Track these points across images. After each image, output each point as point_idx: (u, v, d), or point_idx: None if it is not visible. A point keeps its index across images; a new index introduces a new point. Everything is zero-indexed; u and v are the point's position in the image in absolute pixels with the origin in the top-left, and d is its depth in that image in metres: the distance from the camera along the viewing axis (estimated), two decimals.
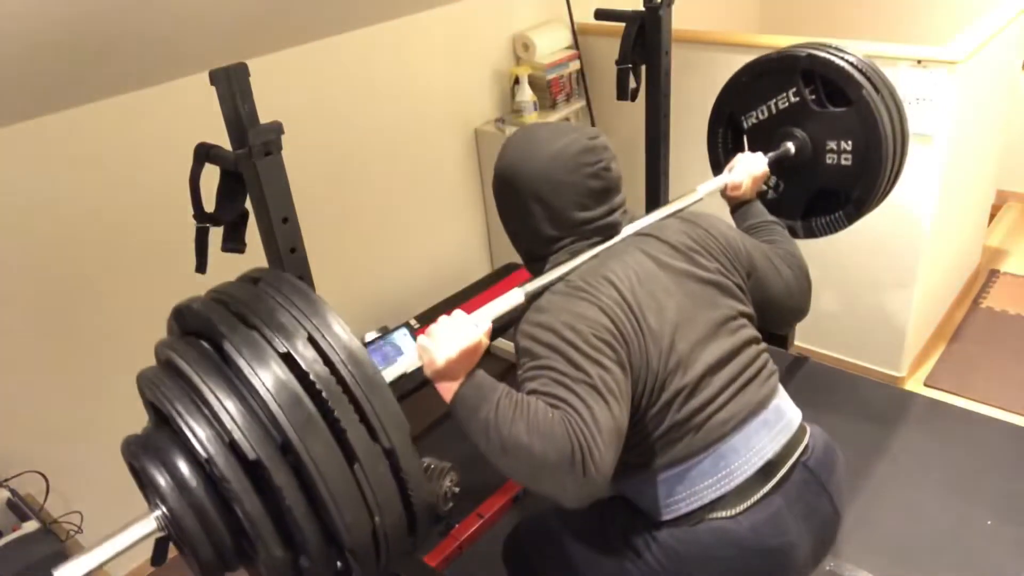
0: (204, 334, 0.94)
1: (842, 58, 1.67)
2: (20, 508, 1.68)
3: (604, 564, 1.32)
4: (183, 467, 0.88)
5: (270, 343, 0.89)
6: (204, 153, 1.30)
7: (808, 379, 2.70)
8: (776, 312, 1.42)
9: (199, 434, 0.86)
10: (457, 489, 2.30)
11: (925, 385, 2.65)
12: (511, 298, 1.20)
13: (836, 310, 2.70)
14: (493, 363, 2.97)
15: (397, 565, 1.01)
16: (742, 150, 1.84)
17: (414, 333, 2.24)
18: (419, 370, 1.11)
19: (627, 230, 1.31)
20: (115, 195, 1.94)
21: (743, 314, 1.31)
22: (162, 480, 0.89)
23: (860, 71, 1.66)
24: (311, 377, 0.88)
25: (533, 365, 1.12)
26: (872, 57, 1.74)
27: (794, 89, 1.74)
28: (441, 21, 2.57)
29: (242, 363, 0.87)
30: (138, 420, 1.01)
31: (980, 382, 2.62)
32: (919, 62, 2.18)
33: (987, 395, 2.55)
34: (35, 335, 1.88)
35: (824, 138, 1.73)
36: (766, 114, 1.82)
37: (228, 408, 0.86)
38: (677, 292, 1.24)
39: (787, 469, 1.25)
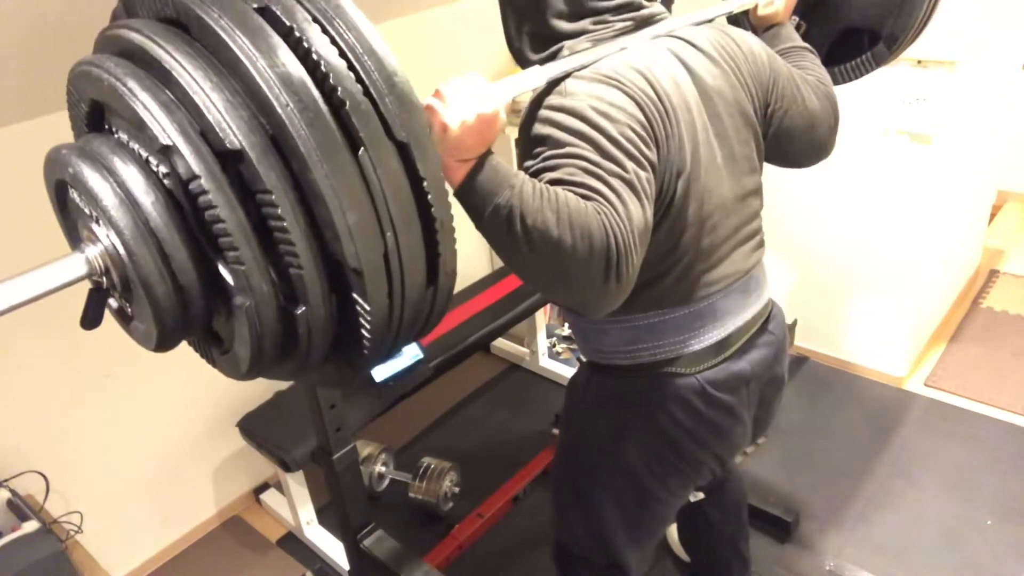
0: (161, 12, 0.70)
1: None
2: (20, 508, 1.68)
3: (588, 479, 1.32)
4: (134, 175, 0.64)
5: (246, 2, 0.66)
6: None
7: (808, 379, 2.70)
8: (797, 144, 1.29)
9: (159, 118, 0.62)
10: (457, 489, 2.30)
11: (925, 385, 2.65)
12: (531, 77, 1.01)
13: (836, 310, 2.70)
14: (492, 363, 2.97)
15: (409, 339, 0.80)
16: None
17: None
18: (418, 372, 1.06)
19: (655, 28, 1.13)
20: None
21: (757, 155, 1.22)
22: (106, 190, 0.64)
23: None
24: (296, 34, 0.65)
25: (556, 153, 0.96)
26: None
27: None
28: (441, 21, 2.57)
29: (212, 24, 0.64)
30: (139, 421, 1.01)
31: (980, 382, 2.62)
32: (919, 62, 2.18)
33: (987, 395, 2.55)
34: (35, 335, 1.88)
35: None
36: None
37: (200, 83, 0.63)
38: (705, 112, 1.11)
39: (752, 334, 1.26)
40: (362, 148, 0.66)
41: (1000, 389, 2.57)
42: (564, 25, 1.09)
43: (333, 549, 2.19)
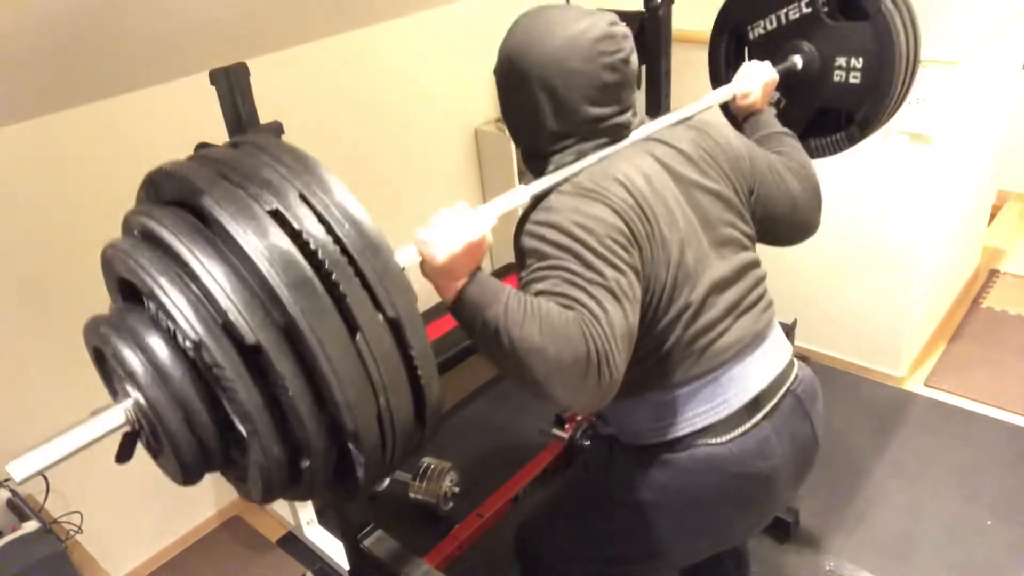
0: (183, 201, 0.80)
1: None
2: (20, 508, 1.68)
3: (596, 523, 1.32)
4: (164, 351, 0.76)
5: (256, 200, 0.76)
6: None
7: None
8: (782, 227, 1.36)
9: (187, 313, 0.73)
10: (457, 489, 2.30)
11: (925, 385, 2.65)
12: (516, 196, 1.10)
13: (836, 310, 2.70)
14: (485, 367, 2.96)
15: (401, 465, 0.91)
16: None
17: None
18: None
19: (635, 134, 1.22)
20: (116, 195, 1.94)
21: (745, 234, 1.27)
22: (138, 365, 0.75)
23: None
24: (304, 236, 0.76)
25: (542, 266, 1.05)
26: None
27: None
28: (441, 21, 2.57)
29: (229, 224, 0.74)
30: None
31: (980, 382, 2.62)
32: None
33: (987, 395, 2.55)
34: (35, 335, 1.88)
35: (834, 53, 1.64)
36: (774, 24, 1.72)
37: (222, 284, 0.73)
38: (686, 203, 1.18)
39: (778, 399, 1.25)
40: (359, 333, 0.77)
41: (1000, 389, 2.57)
42: (555, 137, 1.18)
43: (333, 549, 2.19)
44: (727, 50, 1.86)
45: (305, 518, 2.26)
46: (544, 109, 1.15)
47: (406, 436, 0.85)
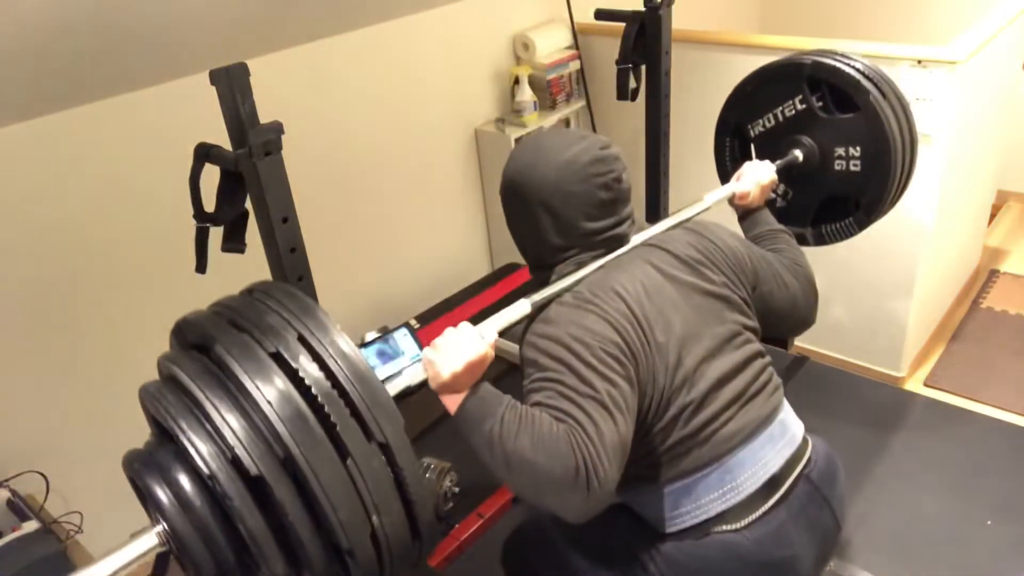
0: (201, 345, 0.94)
1: (848, 64, 1.67)
2: (20, 508, 1.68)
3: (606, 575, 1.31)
4: (186, 484, 0.87)
5: (260, 343, 0.89)
6: (204, 153, 1.30)
7: (808, 379, 2.70)
8: (781, 323, 1.42)
9: (201, 450, 0.85)
10: (457, 489, 2.30)
11: (925, 385, 2.65)
12: (518, 309, 1.18)
13: (836, 310, 2.70)
14: (492, 363, 2.96)
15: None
16: (749, 158, 1.83)
17: (414, 333, 2.24)
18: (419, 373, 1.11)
19: (633, 240, 1.29)
20: (115, 195, 1.94)
21: (748, 328, 1.31)
22: (165, 498, 0.88)
23: (866, 76, 1.65)
24: (300, 374, 0.87)
25: (539, 377, 1.11)
26: (872, 57, 1.74)
27: (800, 96, 1.74)
28: (441, 21, 2.57)
29: (236, 368, 0.87)
30: (138, 420, 1.01)
31: (980, 382, 2.62)
32: (919, 62, 2.18)
33: (987, 395, 2.55)
34: (35, 335, 1.88)
35: (832, 145, 1.73)
36: (772, 122, 1.82)
37: (230, 423, 0.85)
38: (684, 306, 1.23)
39: (791, 482, 1.26)
40: (349, 458, 0.87)
41: (1000, 389, 2.57)
42: (557, 249, 1.26)
43: None
44: (731, 148, 1.94)
45: None
46: (546, 226, 1.24)
47: (402, 549, 0.94)
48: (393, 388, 1.04)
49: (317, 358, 0.89)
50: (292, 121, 1.37)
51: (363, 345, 2.17)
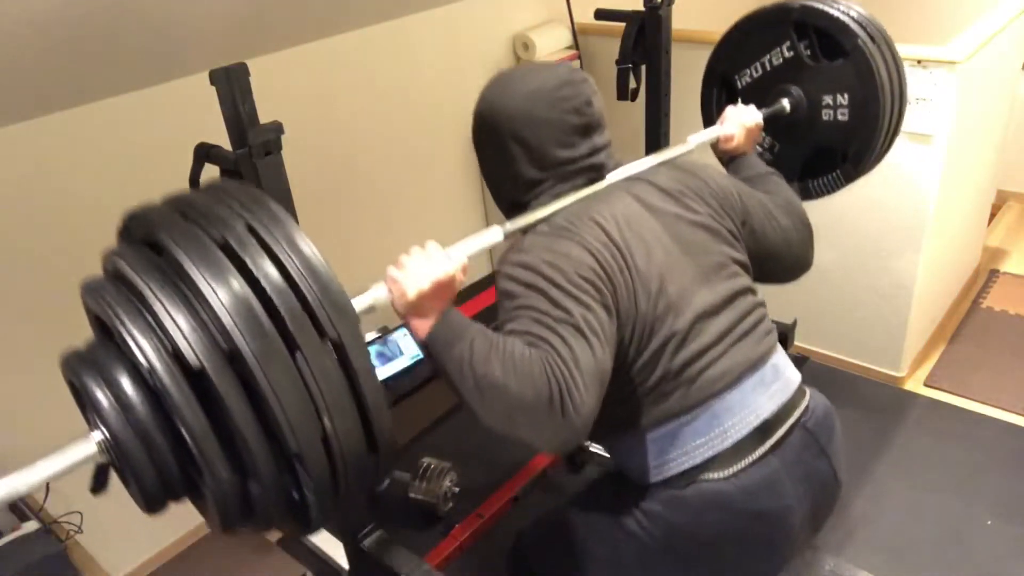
0: (147, 239, 0.87)
1: (836, 8, 1.62)
2: (20, 508, 1.69)
3: (599, 552, 1.28)
4: (126, 384, 0.81)
5: (207, 233, 0.83)
6: (204, 153, 1.30)
7: (808, 379, 2.68)
8: (776, 264, 1.36)
9: (140, 342, 0.79)
10: (457, 489, 2.30)
11: (925, 385, 2.65)
12: (489, 236, 1.14)
13: (836, 310, 2.70)
14: None
15: (360, 497, 0.92)
16: None
17: None
18: (418, 372, 1.09)
19: (614, 175, 1.25)
20: (115, 195, 1.94)
21: (736, 261, 1.26)
22: (103, 399, 0.81)
23: (855, 20, 1.61)
24: (248, 265, 0.81)
25: (512, 306, 1.07)
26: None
27: (788, 43, 1.68)
28: (441, 21, 2.57)
29: (180, 257, 0.80)
30: None
31: (980, 382, 2.62)
32: (919, 62, 2.18)
33: (987, 395, 2.55)
34: (35, 335, 1.88)
35: (820, 93, 1.68)
36: (760, 71, 1.77)
37: (172, 314, 0.79)
38: (665, 236, 1.19)
39: (785, 430, 1.20)
40: (298, 352, 0.80)
41: (1000, 389, 2.57)
42: (531, 184, 1.21)
43: (333, 549, 2.18)
44: (718, 99, 1.90)
45: None
46: (518, 159, 1.20)
47: (357, 460, 0.87)
48: (357, 305, 0.96)
49: (267, 249, 0.83)
50: (292, 121, 1.37)
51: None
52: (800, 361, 2.79)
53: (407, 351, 2.19)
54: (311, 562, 2.22)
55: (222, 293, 0.79)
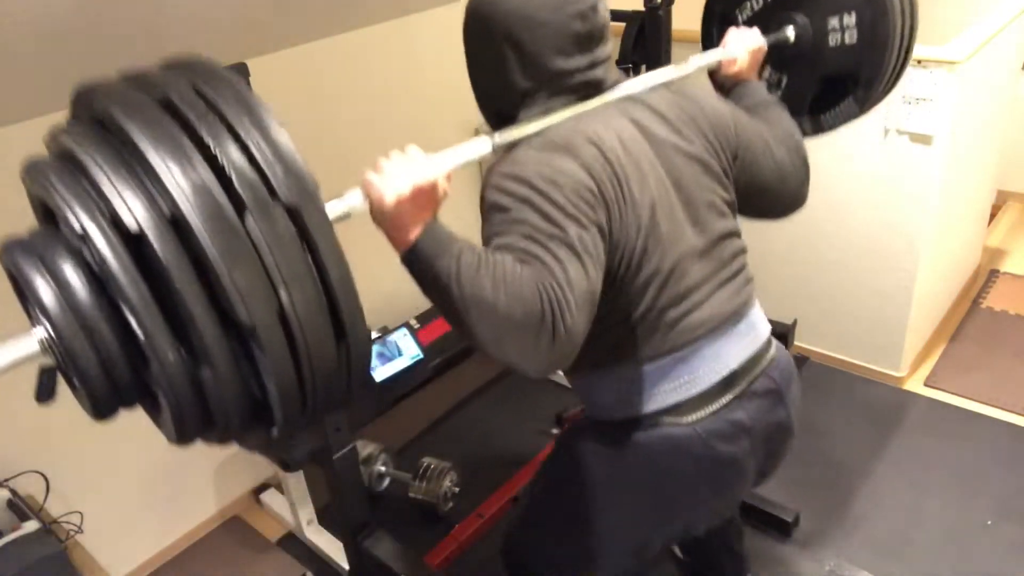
0: (88, 109, 0.79)
1: None
2: (20, 508, 1.68)
3: (570, 503, 1.29)
4: (67, 270, 0.73)
5: (147, 93, 0.76)
6: None
7: (808, 379, 2.70)
8: (769, 198, 1.32)
9: (76, 209, 0.71)
10: (457, 489, 2.30)
11: (925, 385, 2.65)
12: (477, 146, 1.06)
13: (836, 310, 2.70)
14: (492, 363, 2.96)
15: (331, 401, 0.82)
16: None
17: (414, 333, 2.24)
18: (417, 372, 1.08)
19: (610, 93, 1.16)
20: None
21: (725, 201, 1.23)
22: (43, 286, 0.73)
23: None
24: (191, 121, 0.74)
25: (503, 219, 1.01)
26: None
27: None
28: (442, 21, 2.57)
29: (117, 115, 0.73)
30: (139, 420, 1.01)
31: (980, 382, 2.62)
32: (919, 62, 2.17)
33: (987, 395, 2.55)
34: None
35: (825, 16, 1.58)
36: (760, 4, 1.69)
37: (111, 178, 0.72)
38: (661, 166, 1.14)
39: (750, 380, 1.22)
40: (247, 213, 0.73)
41: (1000, 389, 2.57)
42: (523, 94, 1.13)
43: (333, 549, 2.19)
44: (718, 38, 1.81)
45: (305, 518, 2.26)
46: (511, 65, 1.12)
47: (321, 342, 0.78)
48: (330, 212, 0.88)
49: (212, 107, 0.75)
50: (291, 121, 1.37)
51: None
52: (800, 361, 2.79)
53: (407, 351, 2.19)
54: (311, 562, 2.22)
55: (162, 151, 0.72)
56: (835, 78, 1.63)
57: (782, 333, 2.44)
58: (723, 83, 1.49)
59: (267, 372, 0.75)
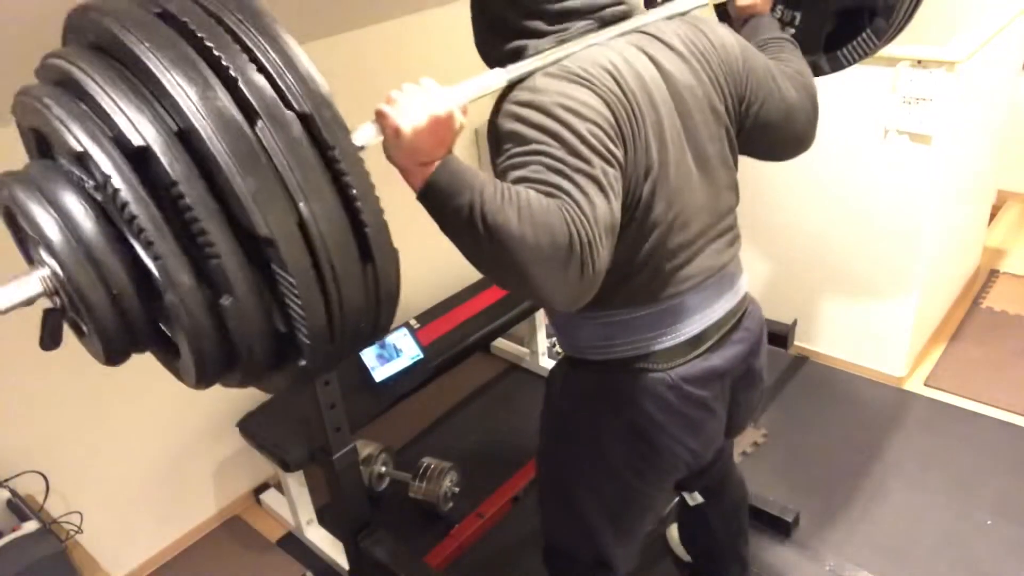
0: (85, 33, 0.74)
1: None
2: (20, 508, 1.68)
3: (564, 454, 1.34)
4: (69, 198, 0.68)
5: (146, 8, 0.71)
6: None
7: (808, 379, 2.70)
8: (775, 137, 1.29)
9: (74, 130, 0.66)
10: (457, 489, 2.30)
11: (925, 385, 2.65)
12: (492, 78, 1.02)
13: (836, 310, 2.70)
14: (492, 363, 2.97)
15: (362, 332, 0.77)
16: None
17: (414, 333, 2.24)
18: (417, 372, 1.07)
19: (627, 23, 1.13)
20: None
21: (730, 147, 1.21)
22: (44, 217, 0.67)
23: None
24: (191, 26, 0.69)
25: (522, 151, 0.96)
26: (872, 57, 1.71)
27: None
28: (441, 21, 2.57)
29: (114, 27, 0.68)
30: (139, 420, 1.01)
31: (980, 382, 2.62)
32: (919, 62, 2.18)
33: (987, 395, 2.55)
34: (34, 334, 1.88)
35: None
36: None
37: (109, 94, 0.67)
38: (674, 109, 1.11)
39: (727, 330, 1.26)
40: (259, 120, 0.68)
41: (1000, 389, 2.57)
42: (530, 24, 1.09)
43: (333, 549, 2.19)
44: None
45: (305, 518, 2.26)
46: (513, 7, 1.08)
47: (346, 266, 0.73)
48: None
49: (213, 16, 0.71)
50: None
51: None
52: (800, 361, 2.79)
53: (407, 351, 2.19)
54: (311, 562, 2.22)
55: (164, 60, 0.67)
56: (850, 11, 1.58)
57: (782, 333, 2.44)
58: (736, 17, 1.46)
59: (290, 293, 0.70)
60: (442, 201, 0.91)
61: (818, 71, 1.61)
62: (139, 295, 0.70)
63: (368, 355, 2.14)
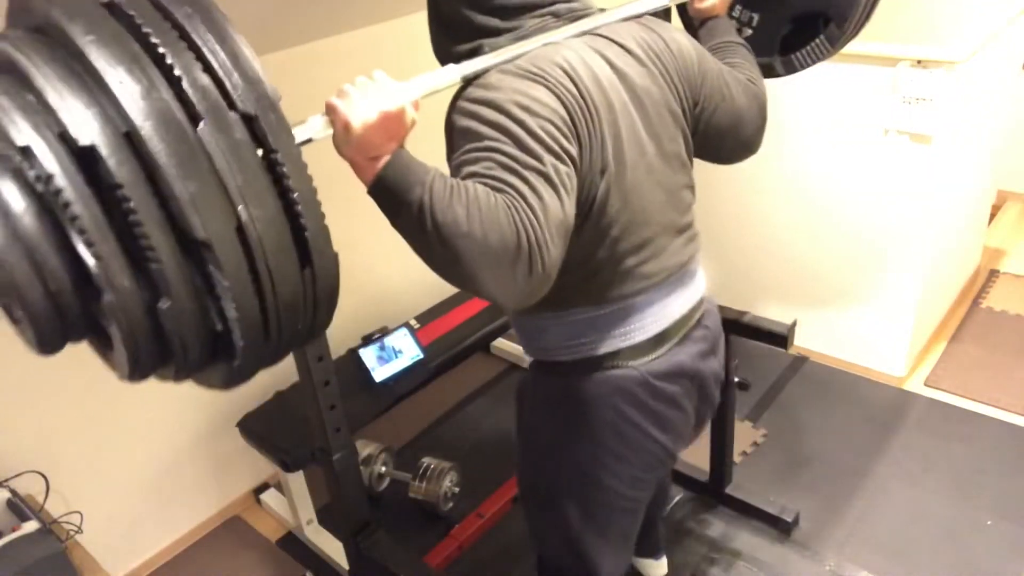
0: (28, 16, 0.73)
1: None
2: (20, 508, 1.68)
3: (537, 457, 1.39)
4: (7, 189, 0.66)
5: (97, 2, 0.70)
6: None
7: (808, 379, 2.70)
8: (723, 143, 1.31)
9: (17, 121, 0.65)
10: (457, 489, 2.30)
11: (925, 385, 2.65)
12: (444, 75, 1.03)
13: (836, 310, 2.70)
14: (492, 363, 2.97)
15: (297, 335, 0.77)
16: None
17: (414, 333, 2.24)
18: (417, 372, 1.07)
19: (576, 25, 1.13)
20: None
21: (686, 149, 1.22)
22: None
23: None
24: (143, 28, 0.68)
25: (474, 147, 0.97)
26: (872, 57, 1.71)
27: None
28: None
29: (60, 19, 0.66)
30: (139, 420, 1.01)
31: (980, 382, 2.62)
32: (919, 62, 2.18)
33: (987, 395, 2.55)
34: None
35: None
36: None
37: (55, 87, 0.65)
38: (631, 108, 1.11)
39: (688, 329, 1.28)
40: (201, 122, 0.67)
41: (1000, 389, 2.57)
42: (486, 22, 1.09)
43: (333, 549, 2.19)
44: None
45: (305, 518, 2.26)
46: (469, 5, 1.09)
47: (283, 269, 0.73)
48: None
49: (160, 10, 0.70)
50: (291, 121, 1.37)
51: (363, 345, 2.17)
52: (800, 361, 2.79)
53: (407, 351, 2.19)
54: (311, 562, 2.22)
55: (107, 54, 0.66)
56: (806, 16, 1.61)
57: (782, 333, 2.44)
58: (694, 17, 1.47)
59: (225, 294, 0.70)
60: (391, 196, 0.92)
61: (772, 73, 1.65)
62: (77, 290, 0.70)
63: (368, 355, 2.14)
